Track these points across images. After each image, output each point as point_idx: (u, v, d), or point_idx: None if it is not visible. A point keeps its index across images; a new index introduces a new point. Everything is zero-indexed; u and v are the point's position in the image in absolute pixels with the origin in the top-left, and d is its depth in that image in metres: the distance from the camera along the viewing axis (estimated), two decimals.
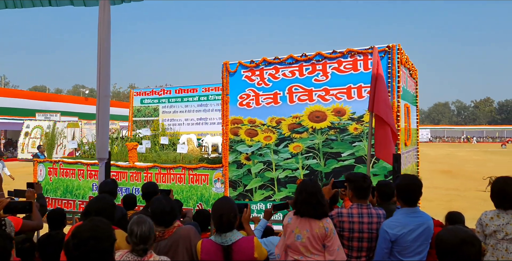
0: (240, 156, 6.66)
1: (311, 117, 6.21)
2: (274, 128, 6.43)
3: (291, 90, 6.34)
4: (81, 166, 7.94)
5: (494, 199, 2.84)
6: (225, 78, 6.72)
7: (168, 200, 2.77)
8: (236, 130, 6.70)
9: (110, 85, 4.58)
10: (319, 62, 6.14)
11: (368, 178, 2.94)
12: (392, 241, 2.65)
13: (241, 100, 6.66)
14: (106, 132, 4.57)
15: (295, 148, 6.30)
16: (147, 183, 3.90)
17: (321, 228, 2.62)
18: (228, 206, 2.47)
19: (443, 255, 1.82)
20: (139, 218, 2.28)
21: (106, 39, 4.47)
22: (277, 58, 6.38)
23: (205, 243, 2.46)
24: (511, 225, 2.70)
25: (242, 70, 6.65)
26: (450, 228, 1.91)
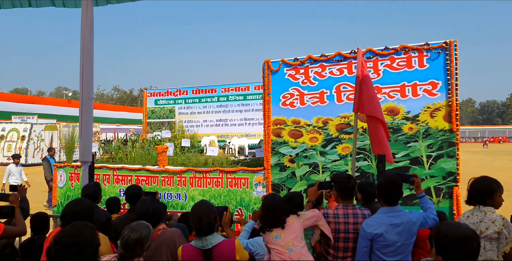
0: (283, 158, 6.34)
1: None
2: (320, 129, 6.13)
3: (339, 88, 6.05)
4: (106, 170, 7.50)
5: (469, 198, 2.93)
6: (266, 77, 6.40)
7: (153, 202, 2.79)
8: (279, 131, 6.37)
9: (93, 87, 4.52)
10: (369, 59, 5.87)
11: (353, 179, 2.97)
12: (370, 240, 2.67)
13: (284, 100, 6.34)
14: (89, 134, 4.48)
15: (344, 149, 6.01)
16: (131, 186, 3.80)
17: (294, 218, 2.76)
18: (207, 208, 2.46)
19: (445, 250, 1.80)
20: (136, 224, 2.26)
21: (89, 40, 4.39)
22: (324, 55, 6.09)
23: (186, 248, 2.44)
24: (484, 223, 2.72)
25: (285, 68, 6.33)
26: (453, 224, 1.92)
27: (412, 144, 5.66)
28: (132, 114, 40.55)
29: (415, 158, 5.63)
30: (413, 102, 5.67)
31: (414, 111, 5.67)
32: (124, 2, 5.13)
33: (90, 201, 2.86)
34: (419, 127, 5.62)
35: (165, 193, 7.04)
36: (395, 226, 2.68)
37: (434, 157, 5.53)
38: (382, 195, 2.79)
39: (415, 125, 5.64)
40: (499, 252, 2.68)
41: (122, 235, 2.21)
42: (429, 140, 5.57)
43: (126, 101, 64.88)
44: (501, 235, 2.67)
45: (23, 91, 63.02)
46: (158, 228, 2.70)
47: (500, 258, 2.67)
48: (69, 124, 24.74)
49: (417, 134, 5.63)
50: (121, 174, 7.38)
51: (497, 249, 2.68)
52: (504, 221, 2.70)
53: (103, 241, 2.46)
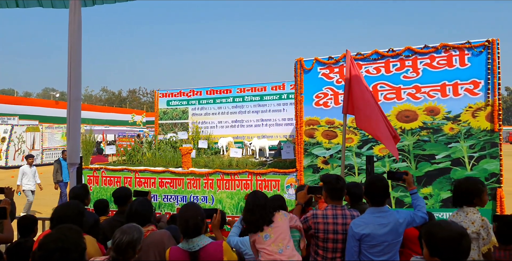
0: (316, 159, 6.16)
1: (400, 116, 5.78)
2: (356, 129, 5.96)
3: (376, 88, 5.89)
4: (128, 173, 7.24)
5: (456, 199, 2.95)
6: (299, 76, 6.22)
7: (140, 203, 2.79)
8: (312, 131, 6.19)
9: (81, 88, 4.48)
10: (408, 58, 5.73)
11: (342, 179, 2.99)
12: (358, 240, 2.69)
13: (317, 100, 6.16)
14: (77, 136, 4.41)
15: (381, 150, 5.85)
16: (119, 188, 3.76)
17: (281, 216, 2.76)
18: (194, 210, 2.43)
19: (442, 250, 1.78)
20: (127, 227, 2.24)
21: (77, 41, 4.35)
22: (360, 54, 5.93)
23: (173, 250, 2.42)
24: (464, 223, 2.78)
25: (318, 67, 6.16)
26: (442, 224, 1.89)
27: (453, 144, 5.52)
28: (121, 115, 40.01)
29: (456, 159, 5.49)
30: (454, 102, 5.53)
31: (455, 111, 5.53)
32: (110, 3, 5.03)
33: (81, 205, 2.82)
34: (460, 128, 5.48)
35: (191, 196, 6.81)
36: (383, 226, 2.70)
37: (476, 158, 5.39)
38: (369, 195, 2.81)
39: (456, 125, 5.50)
40: (480, 252, 2.75)
41: (114, 237, 2.18)
42: (471, 140, 5.43)
43: (115, 102, 64.12)
44: (479, 235, 2.74)
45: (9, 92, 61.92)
46: (146, 229, 2.67)
47: (480, 257, 2.73)
48: (52, 125, 24.34)
49: (458, 135, 5.49)
50: (143, 176, 7.13)
51: (478, 248, 2.75)
52: (483, 223, 2.76)
53: (91, 243, 2.46)
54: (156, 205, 6.97)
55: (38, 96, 64.65)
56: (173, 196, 6.92)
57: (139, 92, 71.83)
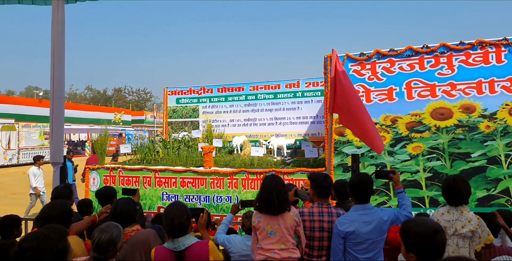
0: (347, 158, 6.01)
1: (434, 114, 5.67)
2: (388, 127, 5.84)
3: (409, 85, 5.77)
4: (147, 172, 7.00)
5: (444, 197, 2.92)
6: (329, 73, 6.06)
7: (125, 203, 2.76)
8: (342, 130, 6.05)
9: (64, 87, 4.46)
10: (443, 54, 5.62)
11: (329, 178, 3.02)
12: (343, 238, 2.70)
13: None
14: (61, 135, 4.40)
15: (415, 148, 5.73)
16: (103, 188, 3.75)
17: (292, 217, 2.71)
18: (179, 209, 2.41)
19: (417, 246, 1.80)
20: (105, 226, 2.22)
21: (60, 39, 4.33)
22: (393, 50, 5.81)
23: (158, 250, 2.40)
24: (460, 221, 2.77)
25: (349, 64, 6.02)
26: (418, 220, 1.91)
27: (489, 143, 5.43)
28: (106, 114, 39.40)
29: (492, 157, 5.40)
30: (491, 99, 5.45)
31: (491, 109, 5.44)
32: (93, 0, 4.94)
33: (68, 205, 2.80)
34: (496, 125, 5.40)
35: (214, 195, 6.61)
36: (367, 224, 2.71)
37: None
38: (354, 193, 2.83)
39: (493, 123, 5.42)
40: (471, 250, 2.76)
41: (93, 237, 2.17)
42: (508, 138, 5.35)
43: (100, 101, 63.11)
44: (475, 234, 2.74)
45: None
46: (131, 229, 2.67)
47: (472, 255, 2.74)
48: (29, 123, 23.71)
49: (494, 133, 5.41)
50: (163, 176, 6.90)
51: (469, 246, 2.76)
52: (479, 221, 2.77)
53: (78, 243, 2.42)
54: None
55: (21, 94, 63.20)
56: (195, 196, 6.71)
57: (125, 91, 70.89)
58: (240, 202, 3.31)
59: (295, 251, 2.68)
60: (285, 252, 2.64)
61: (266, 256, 2.65)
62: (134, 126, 43.57)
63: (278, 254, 2.63)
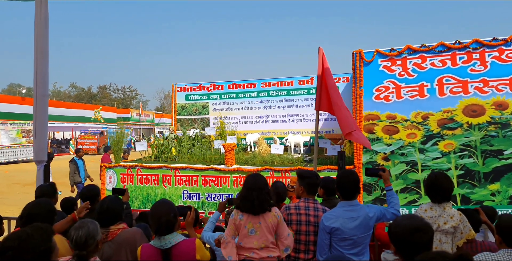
0: (376, 156, 5.92)
1: (466, 111, 5.60)
2: (419, 124, 5.75)
3: (441, 81, 5.69)
4: (167, 171, 6.80)
5: (427, 193, 2.94)
6: (358, 69, 5.95)
7: (112, 200, 2.74)
8: (371, 127, 5.94)
9: (48, 84, 4.45)
10: (476, 50, 5.55)
11: (319, 177, 3.12)
12: (329, 233, 2.73)
13: (378, 93, 5.92)
14: (44, 133, 4.39)
15: (447, 146, 5.66)
16: (87, 186, 3.66)
17: (274, 217, 2.69)
18: (166, 207, 2.40)
19: (397, 242, 1.85)
20: (79, 223, 2.21)
21: (44, 35, 4.30)
22: (424, 46, 5.72)
23: (144, 248, 2.38)
24: (443, 218, 2.81)
25: (379, 60, 5.91)
26: (406, 216, 1.96)
27: None
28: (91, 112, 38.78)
29: None
30: None
31: None
32: None
33: (51, 203, 2.77)
34: None
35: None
36: (352, 220, 2.73)
37: None
38: (340, 190, 2.86)
39: None
40: (453, 245, 2.81)
41: (70, 236, 2.14)
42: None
43: (85, 99, 62.12)
44: (457, 229, 2.78)
45: None
46: (117, 227, 2.63)
47: (454, 250, 2.79)
48: (6, 121, 23.18)
49: None
50: (184, 174, 6.71)
51: (451, 242, 2.81)
52: (461, 217, 2.82)
53: (62, 243, 2.43)
54: (199, 204, 6.58)
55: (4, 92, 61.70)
56: (217, 195, 6.55)
57: (110, 89, 69.92)
58: (227, 200, 3.32)
59: (275, 250, 2.68)
60: (264, 252, 2.64)
61: (245, 256, 2.65)
62: (120, 124, 43.01)
63: (257, 254, 2.63)
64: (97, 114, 38.14)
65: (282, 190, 3.55)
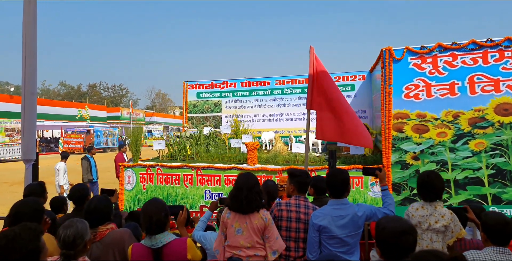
0: (405, 155, 5.84)
1: (498, 110, 5.54)
2: (450, 123, 5.68)
3: (472, 79, 5.61)
4: (188, 170, 6.66)
5: (419, 192, 2.97)
6: (387, 66, 5.85)
7: (100, 199, 2.71)
8: (401, 125, 5.86)
9: (36, 82, 4.44)
10: (508, 49, 5.48)
11: (309, 176, 3.15)
12: (318, 231, 2.75)
13: (407, 92, 5.82)
14: (33, 131, 4.37)
15: (478, 145, 5.59)
16: (77, 186, 3.60)
17: (260, 219, 2.68)
18: (158, 206, 2.38)
19: (382, 243, 1.84)
20: (68, 222, 2.18)
21: (32, 31, 4.28)
22: (455, 44, 5.63)
23: (135, 247, 2.37)
24: (434, 216, 2.84)
25: (409, 57, 5.81)
26: (391, 218, 1.95)
27: None
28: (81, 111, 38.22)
29: None
30: None
31: None
32: None
33: (39, 202, 2.75)
34: None
35: None
36: (340, 218, 2.74)
37: None
38: (329, 188, 2.88)
39: None
40: (444, 244, 2.83)
41: (58, 235, 2.11)
42: None
43: (74, 97, 61.39)
44: (448, 228, 2.81)
45: None
46: (105, 227, 2.61)
47: (445, 249, 2.82)
48: None
49: None
50: (206, 174, 6.57)
51: (442, 240, 2.83)
52: (452, 216, 2.85)
53: (51, 241, 2.41)
54: None
55: None
56: None
57: (100, 87, 69.19)
58: (219, 199, 3.30)
59: (262, 249, 2.68)
60: (251, 250, 2.66)
61: (233, 253, 2.66)
62: (110, 122, 42.58)
63: (244, 252, 2.65)
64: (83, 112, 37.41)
65: (273, 189, 3.58)
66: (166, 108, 79.96)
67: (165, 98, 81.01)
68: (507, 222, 2.39)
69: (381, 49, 5.93)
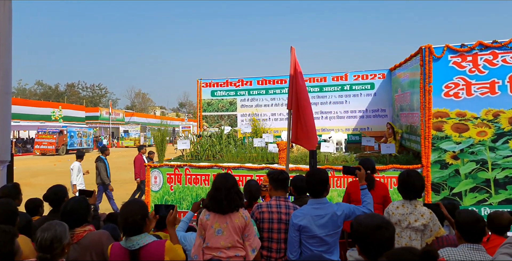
0: (444, 154, 5.77)
1: None
2: (490, 122, 5.63)
3: None
4: (218, 170, 6.47)
5: (400, 191, 3.04)
6: (427, 64, 5.76)
7: (77, 201, 2.69)
8: (440, 124, 5.78)
9: (11, 81, 4.42)
10: None
11: (285, 173, 3.16)
12: (298, 230, 2.77)
13: (447, 90, 5.75)
14: (7, 132, 4.36)
15: None
16: (53, 187, 3.51)
17: (241, 217, 2.69)
18: (135, 208, 2.34)
19: (359, 239, 1.87)
20: (47, 224, 2.17)
21: (7, 32, 4.25)
22: (496, 42, 5.58)
23: (114, 247, 2.36)
24: (413, 215, 2.90)
25: (449, 55, 5.74)
26: (367, 215, 1.99)
27: None
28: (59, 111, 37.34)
29: None
30: None
31: None
32: None
33: (13, 203, 2.74)
34: None
35: None
36: (319, 217, 2.76)
37: None
38: (309, 187, 2.90)
39: None
40: (423, 242, 2.88)
41: (36, 237, 2.10)
42: None
43: (51, 97, 60.08)
44: (427, 227, 2.86)
45: None
46: (82, 229, 2.59)
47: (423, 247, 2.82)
48: None
49: None
50: (237, 174, 6.39)
51: (421, 239, 2.88)
52: (431, 215, 2.91)
53: (26, 243, 2.38)
54: None
55: None
56: None
57: (78, 86, 67.98)
58: (201, 200, 3.29)
59: (242, 250, 2.69)
60: (232, 251, 2.65)
61: (213, 255, 2.65)
62: (88, 122, 41.77)
63: (224, 253, 2.64)
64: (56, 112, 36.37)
65: (254, 188, 3.58)
66: (147, 108, 79.02)
67: (145, 98, 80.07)
68: (478, 220, 2.46)
69: (420, 47, 5.84)
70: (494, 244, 2.28)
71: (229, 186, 2.74)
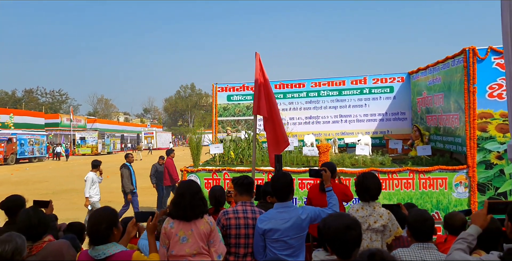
0: (489, 155, 5.82)
1: None
2: None
3: None
4: (258, 174, 6.30)
5: (357, 193, 3.11)
6: (471, 66, 5.83)
7: (37, 212, 2.62)
8: (485, 125, 5.84)
9: None
10: None
11: (249, 178, 3.22)
12: (262, 235, 2.81)
13: (491, 91, 5.83)
14: None
15: None
16: (10, 197, 3.38)
17: (206, 224, 2.69)
18: (101, 217, 2.30)
19: (330, 241, 1.91)
20: (6, 236, 2.13)
21: None
22: None
23: (81, 255, 2.35)
24: (373, 217, 2.97)
25: (493, 57, 5.83)
26: (335, 215, 2.03)
27: None
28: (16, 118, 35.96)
29: None
30: None
31: None
32: None
33: None
34: None
35: None
36: (284, 221, 2.78)
37: None
38: (274, 191, 2.94)
39: None
40: (383, 242, 2.97)
41: None
42: None
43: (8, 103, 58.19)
44: (386, 228, 2.94)
45: None
46: (43, 240, 2.53)
47: (384, 247, 2.95)
48: None
49: None
50: None
51: (381, 239, 2.97)
52: (389, 216, 2.99)
53: None
54: None
55: None
56: None
57: (37, 92, 66.11)
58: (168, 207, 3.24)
59: (207, 256, 2.67)
60: (197, 258, 2.63)
61: None
62: (48, 129, 40.43)
63: None
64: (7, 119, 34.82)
65: (219, 193, 3.63)
66: (110, 114, 77.31)
67: (108, 104, 78.41)
68: (426, 219, 2.52)
69: (463, 48, 5.91)
70: (451, 245, 2.29)
71: (193, 193, 2.71)
